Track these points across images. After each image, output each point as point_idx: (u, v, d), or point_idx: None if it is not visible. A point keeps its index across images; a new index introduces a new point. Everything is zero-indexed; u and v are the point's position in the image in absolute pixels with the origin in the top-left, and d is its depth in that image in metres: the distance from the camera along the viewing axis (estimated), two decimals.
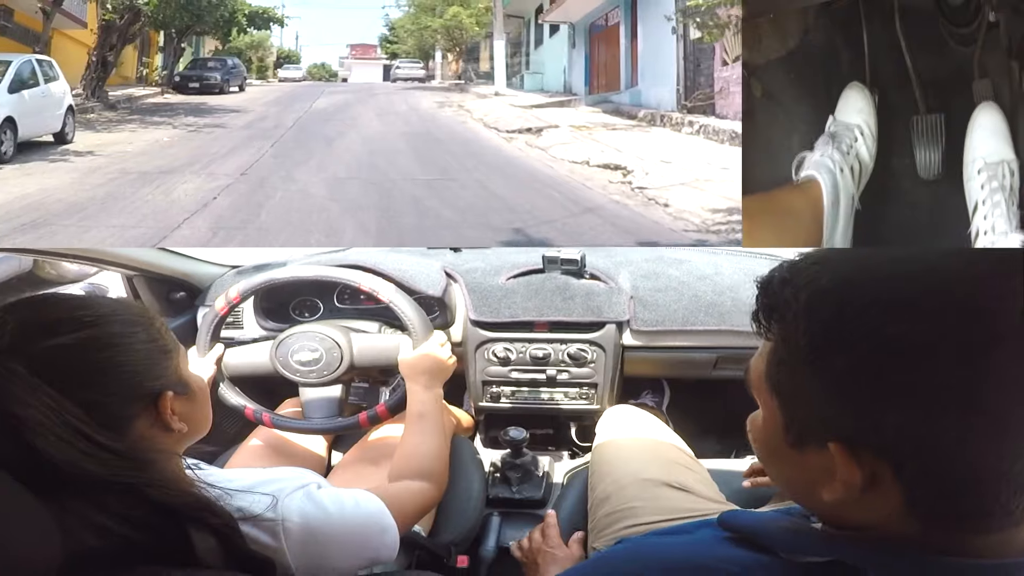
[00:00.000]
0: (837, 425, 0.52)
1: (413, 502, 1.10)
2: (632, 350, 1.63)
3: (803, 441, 0.56)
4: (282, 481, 0.85)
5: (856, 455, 0.51)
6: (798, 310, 0.54)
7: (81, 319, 0.71)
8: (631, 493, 1.19)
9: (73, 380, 0.67)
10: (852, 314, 0.51)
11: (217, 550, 0.70)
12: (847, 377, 0.51)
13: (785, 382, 0.57)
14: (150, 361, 0.75)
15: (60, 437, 0.62)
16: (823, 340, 0.52)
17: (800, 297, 0.54)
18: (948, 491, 0.51)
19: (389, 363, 1.41)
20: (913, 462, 0.50)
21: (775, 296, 0.57)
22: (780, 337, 0.57)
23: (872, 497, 0.52)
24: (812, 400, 0.54)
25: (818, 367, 0.53)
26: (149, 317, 0.78)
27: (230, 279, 1.78)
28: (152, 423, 0.75)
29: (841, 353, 0.51)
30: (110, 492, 0.64)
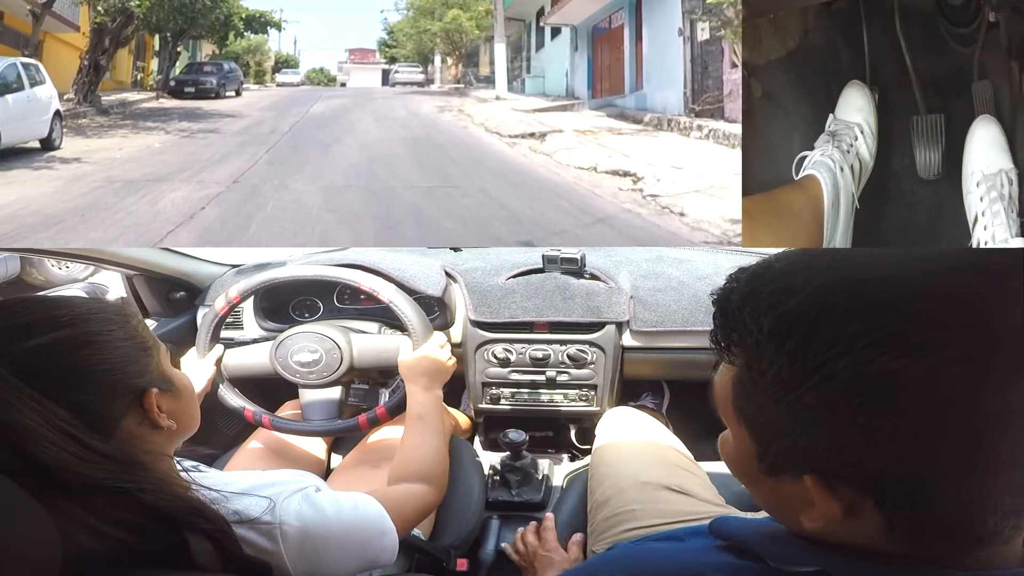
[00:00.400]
0: (813, 458, 0.50)
1: (412, 505, 1.11)
2: (632, 351, 1.65)
3: (777, 471, 0.55)
4: (279, 484, 0.86)
5: (833, 488, 0.50)
6: (760, 338, 0.51)
7: (57, 319, 0.72)
8: (631, 496, 1.21)
9: (55, 381, 0.68)
10: (824, 344, 0.47)
11: (213, 553, 0.71)
12: (822, 411, 0.48)
13: (753, 412, 0.54)
14: (130, 358, 0.76)
15: (51, 442, 0.63)
16: (790, 372, 0.49)
17: (762, 324, 0.51)
18: (932, 520, 0.49)
19: (389, 364, 1.43)
20: (895, 493, 0.48)
21: (734, 319, 0.54)
22: (744, 363, 0.54)
23: (853, 523, 0.51)
24: (785, 432, 0.51)
25: (788, 397, 0.50)
26: (125, 315, 0.79)
27: (230, 279, 1.81)
28: (140, 421, 0.76)
29: (813, 388, 0.48)
30: (103, 496, 0.65)
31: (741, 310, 0.53)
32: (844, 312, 0.48)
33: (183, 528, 0.69)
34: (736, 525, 0.65)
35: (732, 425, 0.58)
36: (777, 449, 0.53)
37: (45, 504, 0.58)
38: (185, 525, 0.70)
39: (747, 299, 0.53)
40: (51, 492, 0.62)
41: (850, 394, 0.46)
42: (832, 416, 0.48)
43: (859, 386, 0.46)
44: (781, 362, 0.49)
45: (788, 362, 0.49)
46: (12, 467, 0.60)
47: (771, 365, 0.50)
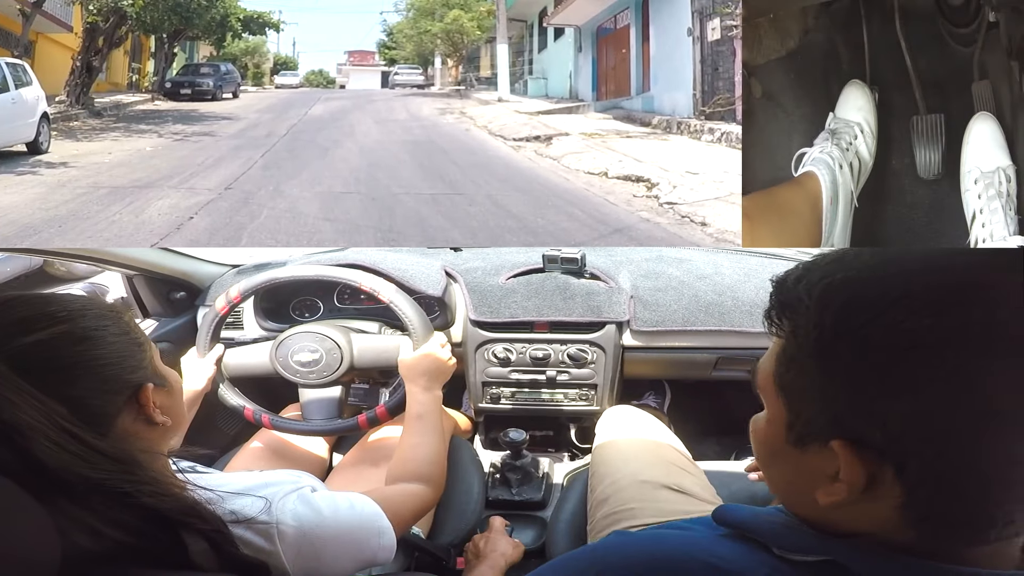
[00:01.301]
0: (842, 422, 0.54)
1: (410, 504, 1.15)
2: (632, 350, 1.69)
3: (805, 440, 0.58)
4: (275, 485, 0.89)
5: (859, 453, 0.54)
6: (810, 304, 0.56)
7: (53, 315, 0.74)
8: (630, 495, 1.25)
9: (53, 377, 0.70)
10: (862, 307, 0.53)
11: (210, 553, 0.73)
12: (855, 370, 0.53)
13: (793, 379, 0.59)
14: (125, 354, 0.78)
15: (51, 440, 0.64)
16: (832, 332, 0.54)
17: (813, 292, 0.56)
18: (950, 494, 0.52)
19: (389, 364, 1.47)
20: (917, 461, 0.52)
21: (788, 292, 0.59)
22: (790, 332, 0.59)
23: (869, 501, 0.54)
24: (818, 396, 0.56)
25: (826, 359, 0.55)
26: (118, 311, 0.81)
27: (230, 279, 1.85)
28: (135, 417, 0.78)
29: (850, 345, 0.53)
30: (101, 496, 0.66)
31: (796, 285, 0.58)
32: (883, 278, 0.54)
33: (180, 528, 0.71)
34: (742, 513, 0.67)
35: (769, 398, 0.63)
36: (808, 417, 0.58)
37: (44, 504, 0.59)
38: (182, 525, 0.71)
39: (802, 276, 0.59)
40: (50, 492, 0.62)
41: (881, 353, 0.52)
42: (863, 375, 0.53)
43: (889, 344, 0.51)
44: (824, 323, 0.55)
45: (830, 324, 0.54)
46: (12, 467, 0.61)
47: (814, 329, 0.55)
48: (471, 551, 1.38)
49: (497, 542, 1.38)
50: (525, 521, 1.60)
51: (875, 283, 0.54)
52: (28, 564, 0.56)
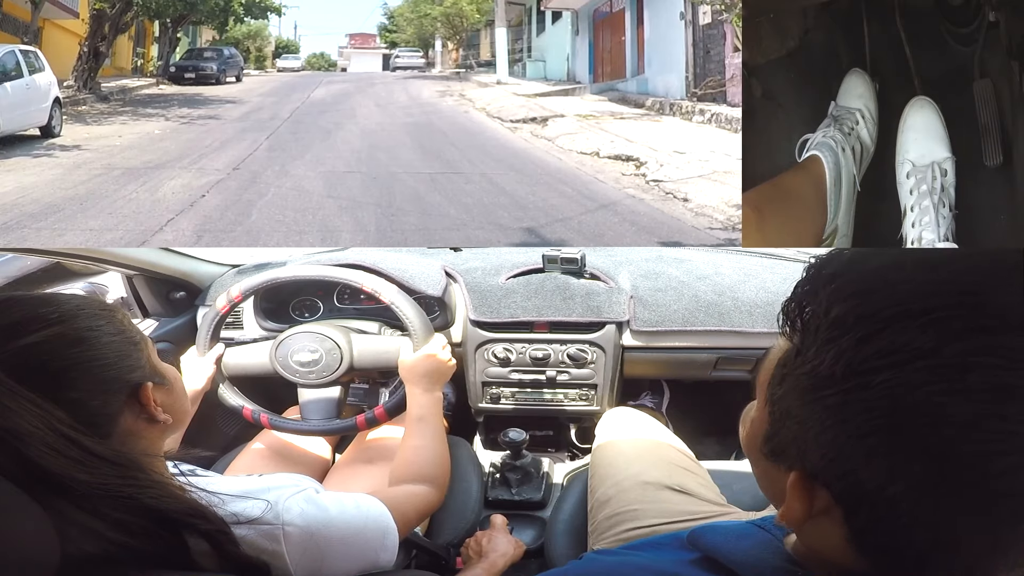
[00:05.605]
0: (807, 457, 0.50)
1: (414, 506, 1.12)
2: (632, 351, 1.65)
3: (777, 456, 0.55)
4: (278, 488, 0.86)
5: (812, 491, 0.50)
6: (822, 324, 0.49)
7: (46, 317, 0.70)
8: (632, 496, 1.21)
9: (50, 380, 0.67)
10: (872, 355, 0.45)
11: (213, 554, 0.71)
12: (838, 416, 0.47)
13: (781, 393, 0.53)
14: (122, 353, 0.75)
15: (51, 447, 0.62)
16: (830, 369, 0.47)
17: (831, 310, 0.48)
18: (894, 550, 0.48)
19: (389, 365, 1.43)
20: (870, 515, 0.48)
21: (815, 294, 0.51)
22: (798, 342, 0.52)
23: (819, 523, 0.51)
24: (797, 421, 0.51)
25: (815, 394, 0.49)
26: (111, 310, 0.78)
27: (231, 278, 1.81)
28: (136, 417, 0.75)
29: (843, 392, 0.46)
30: (103, 499, 0.64)
31: (827, 285, 0.50)
32: (907, 327, 0.44)
33: (182, 529, 0.69)
34: (713, 538, 0.63)
35: (760, 401, 0.58)
36: (784, 437, 0.53)
37: (44, 507, 0.57)
38: (184, 526, 0.69)
39: (835, 278, 0.50)
40: (51, 495, 0.60)
41: (875, 411, 0.45)
42: (845, 425, 0.46)
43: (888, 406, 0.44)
44: (826, 355, 0.47)
45: (833, 358, 0.47)
46: (11, 472, 0.59)
47: (817, 354, 0.48)
48: (472, 548, 1.34)
49: (498, 541, 1.34)
50: (524, 521, 1.56)
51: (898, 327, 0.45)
52: (28, 566, 0.54)
